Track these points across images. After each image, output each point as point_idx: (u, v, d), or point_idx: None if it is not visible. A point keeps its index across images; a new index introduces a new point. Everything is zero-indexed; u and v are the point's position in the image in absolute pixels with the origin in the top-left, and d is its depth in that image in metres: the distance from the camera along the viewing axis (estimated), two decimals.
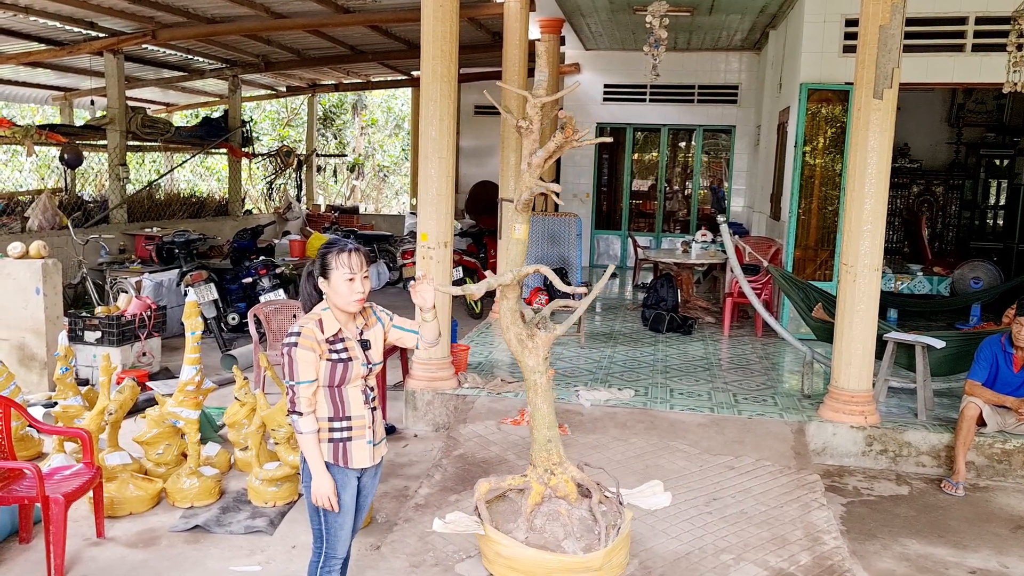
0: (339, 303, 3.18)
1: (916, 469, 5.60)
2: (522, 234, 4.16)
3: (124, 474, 4.76)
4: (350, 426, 3.22)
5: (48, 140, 9.37)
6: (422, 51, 6.11)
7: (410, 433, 6.21)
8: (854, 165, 5.58)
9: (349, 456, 3.22)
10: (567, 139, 3.79)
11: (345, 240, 3.28)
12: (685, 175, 14.78)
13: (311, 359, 3.10)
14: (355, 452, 3.23)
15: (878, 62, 5.41)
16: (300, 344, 3.09)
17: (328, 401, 3.18)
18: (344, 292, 3.16)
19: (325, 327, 3.16)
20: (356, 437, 3.23)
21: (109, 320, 7.20)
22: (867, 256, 5.57)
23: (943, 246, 12.58)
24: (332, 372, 3.16)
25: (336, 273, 3.15)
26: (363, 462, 3.26)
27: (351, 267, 3.16)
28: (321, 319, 3.18)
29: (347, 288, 3.15)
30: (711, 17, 10.74)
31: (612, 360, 7.48)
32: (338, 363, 3.16)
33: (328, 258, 3.18)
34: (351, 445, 3.22)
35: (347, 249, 3.19)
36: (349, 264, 3.16)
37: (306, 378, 3.10)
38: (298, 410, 3.11)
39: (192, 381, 4.84)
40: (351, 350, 3.20)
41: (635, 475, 5.07)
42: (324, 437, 3.22)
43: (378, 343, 3.36)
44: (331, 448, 3.22)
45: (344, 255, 3.17)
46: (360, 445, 3.24)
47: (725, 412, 5.99)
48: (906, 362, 6.14)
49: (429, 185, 6.20)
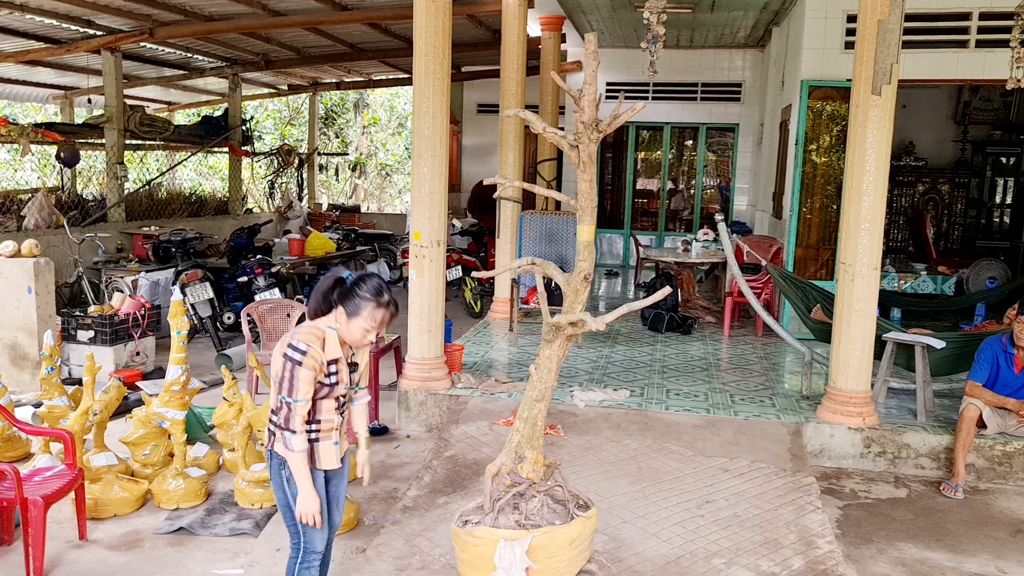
0: (346, 338, 3.15)
1: (915, 471, 5.50)
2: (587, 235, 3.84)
3: (109, 475, 4.71)
4: (318, 428, 3.21)
5: (45, 139, 9.34)
6: (415, 47, 6.03)
7: (402, 434, 6.15)
8: (852, 162, 5.49)
9: (317, 457, 3.23)
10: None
11: (386, 285, 3.16)
12: (690, 174, 14.68)
13: (311, 378, 3.06)
14: (323, 453, 3.23)
15: (877, 58, 5.31)
16: (305, 364, 3.03)
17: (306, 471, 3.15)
18: (357, 337, 3.13)
19: (327, 349, 3.10)
20: (323, 439, 3.23)
21: (102, 319, 7.16)
22: (865, 255, 5.47)
23: (949, 245, 12.44)
24: (317, 392, 3.14)
25: (360, 320, 3.09)
26: (330, 463, 3.27)
27: (380, 324, 3.12)
28: (325, 339, 3.11)
29: (361, 335, 3.12)
30: (713, 14, 10.63)
31: (609, 360, 7.40)
32: (326, 386, 3.14)
33: (363, 304, 3.08)
34: (318, 446, 3.23)
35: (385, 305, 3.11)
36: (379, 321, 3.11)
37: (304, 397, 3.06)
38: (292, 428, 3.06)
39: (177, 381, 4.79)
40: (340, 373, 3.18)
41: (627, 477, 4.99)
42: None
43: (364, 366, 3.37)
44: None
45: (380, 311, 3.10)
46: (327, 446, 3.24)
47: (721, 413, 5.90)
48: (905, 362, 6.04)
49: (422, 183, 6.13)
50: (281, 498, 3.22)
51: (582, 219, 3.60)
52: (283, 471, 3.17)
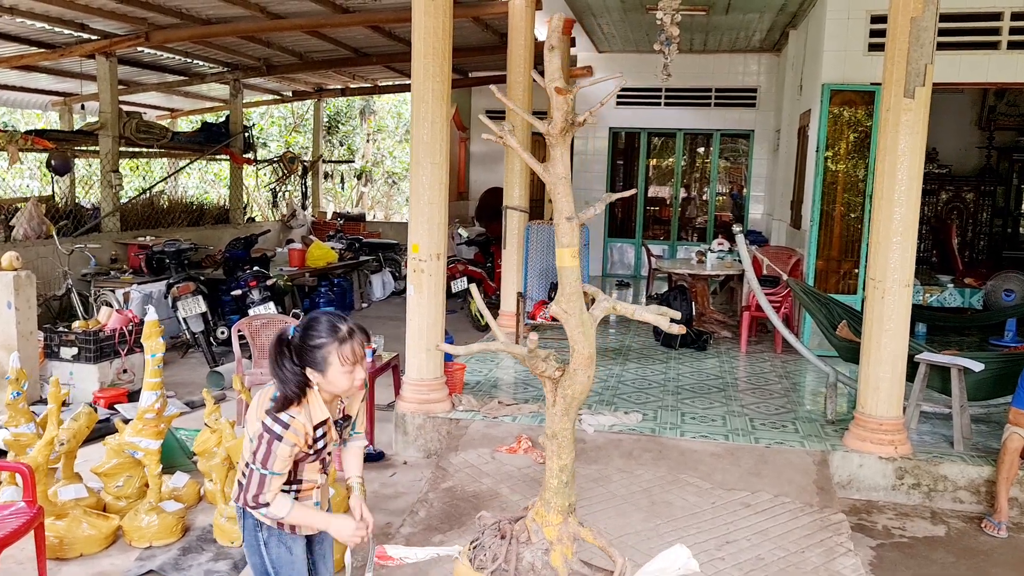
0: (334, 391, 2.65)
1: (953, 505, 5.07)
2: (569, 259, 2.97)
3: (76, 510, 4.34)
4: (299, 489, 2.75)
5: (35, 146, 9.03)
6: (413, 48, 5.67)
7: (399, 460, 5.76)
8: (882, 171, 5.08)
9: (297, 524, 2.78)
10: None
11: (335, 317, 2.65)
12: (703, 181, 14.27)
13: (291, 453, 2.60)
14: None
15: (909, 58, 4.91)
16: (286, 439, 2.56)
17: (313, 510, 2.76)
18: (343, 385, 2.62)
19: (313, 415, 2.63)
20: (303, 499, 2.76)
21: (86, 335, 6.81)
22: (897, 270, 5.07)
23: (974, 256, 11.97)
24: (302, 461, 2.70)
25: (333, 369, 2.58)
26: (310, 528, 2.83)
27: (355, 359, 2.60)
28: (309, 402, 2.63)
29: (347, 380, 2.61)
30: (728, 17, 10.25)
31: (621, 379, 7.00)
32: (313, 454, 2.70)
33: (322, 353, 2.56)
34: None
35: (346, 337, 2.59)
36: (353, 357, 2.59)
37: (280, 471, 2.60)
38: (265, 501, 2.58)
39: (152, 408, 4.42)
40: (329, 434, 2.72)
41: (640, 512, 4.59)
42: None
43: (354, 413, 2.89)
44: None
45: (347, 347, 2.58)
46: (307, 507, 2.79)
47: (741, 440, 5.49)
48: (939, 385, 5.62)
49: (421, 193, 5.76)
50: (258, 564, 2.75)
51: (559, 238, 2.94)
52: (259, 532, 2.73)
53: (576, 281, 2.77)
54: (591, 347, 2.79)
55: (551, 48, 2.72)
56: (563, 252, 2.80)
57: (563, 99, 2.66)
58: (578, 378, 2.77)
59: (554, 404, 2.85)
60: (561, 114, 2.68)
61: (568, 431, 2.86)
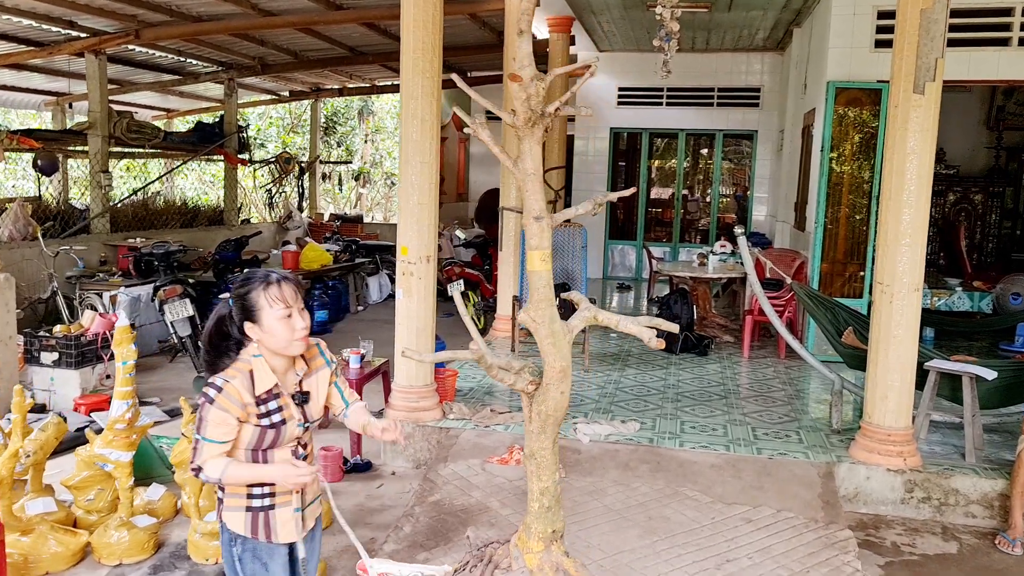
0: (277, 347, 2.52)
1: (965, 520, 4.84)
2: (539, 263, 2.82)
3: (43, 526, 4.13)
4: (273, 492, 2.57)
5: (20, 146, 8.83)
6: (402, 42, 5.46)
7: (387, 470, 5.55)
8: (891, 170, 4.85)
9: (272, 529, 2.58)
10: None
11: (265, 271, 2.61)
12: (706, 183, 14.04)
13: (226, 421, 2.45)
14: (279, 524, 2.59)
15: (919, 51, 4.69)
16: (218, 403, 2.43)
17: (248, 464, 2.54)
18: (282, 333, 2.50)
19: (257, 383, 2.50)
20: (280, 504, 2.58)
21: (67, 340, 6.60)
22: (906, 274, 4.84)
23: (983, 258, 11.71)
24: (260, 438, 2.52)
25: (266, 313, 2.49)
26: (289, 535, 2.62)
27: (284, 299, 2.51)
28: (252, 371, 2.51)
29: (284, 327, 2.50)
30: (731, 14, 10.03)
31: (618, 386, 6.78)
32: (268, 428, 2.52)
33: (251, 297, 2.52)
34: (274, 515, 2.58)
35: (273, 280, 2.53)
36: (281, 296, 2.51)
37: (215, 438, 2.45)
38: (198, 464, 2.46)
39: (122, 418, 4.20)
40: (286, 409, 2.55)
41: (636, 528, 4.37)
42: (240, 504, 2.58)
43: (319, 394, 2.70)
44: (249, 519, 2.58)
45: (273, 288, 2.51)
46: (285, 514, 2.60)
47: (742, 450, 5.26)
48: (949, 393, 5.39)
49: (410, 193, 5.55)
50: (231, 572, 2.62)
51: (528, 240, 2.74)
52: (234, 547, 2.58)
53: (546, 287, 2.55)
54: (564, 359, 2.57)
55: (520, 32, 2.51)
56: (532, 255, 2.60)
57: (519, 87, 2.45)
58: (550, 393, 2.55)
59: (531, 421, 2.63)
60: (521, 103, 2.47)
61: (547, 451, 2.63)
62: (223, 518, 2.59)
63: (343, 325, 10.28)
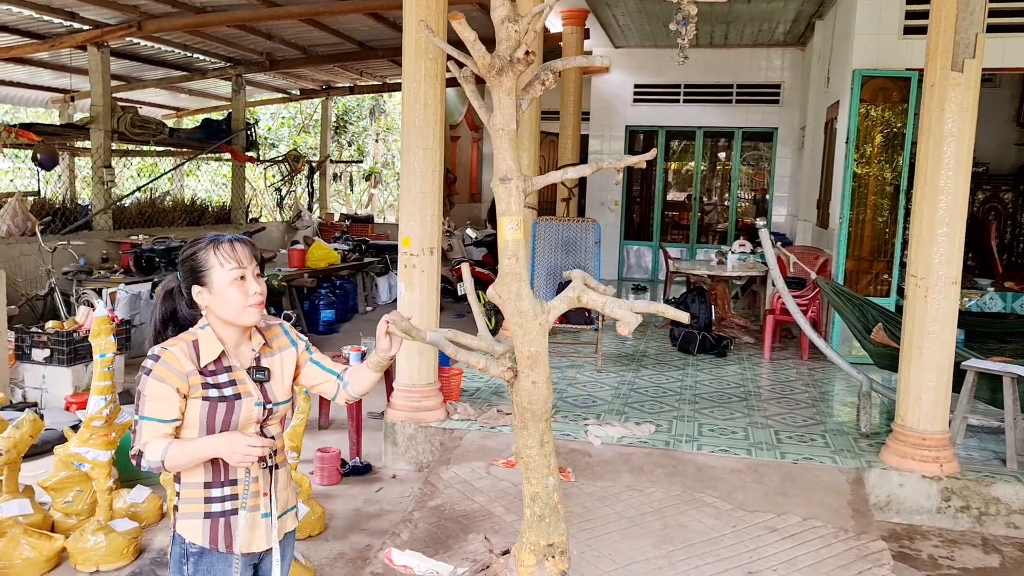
0: (228, 315, 2.20)
1: (1007, 531, 4.48)
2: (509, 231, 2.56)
3: (15, 529, 3.86)
4: (235, 494, 2.24)
5: (19, 139, 8.63)
6: (404, 22, 5.18)
7: (388, 473, 5.25)
8: (926, 154, 4.52)
9: (233, 537, 2.23)
10: None
11: (218, 233, 2.32)
12: (724, 184, 13.69)
13: (166, 395, 2.12)
14: (242, 531, 2.23)
15: (957, 26, 4.36)
16: (154, 373, 2.12)
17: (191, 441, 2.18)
18: (234, 297, 2.18)
19: (202, 352, 2.18)
20: (247, 508, 2.24)
21: (59, 336, 6.35)
22: (943, 266, 4.50)
23: (1012, 258, 11.30)
24: (211, 416, 2.17)
25: (217, 273, 2.18)
26: (255, 544, 2.28)
27: (237, 259, 2.19)
28: (197, 340, 2.20)
29: (237, 291, 2.18)
30: (750, 6, 9.71)
31: (633, 387, 6.45)
32: (218, 402, 2.17)
33: (199, 256, 2.21)
34: (236, 520, 2.23)
35: (224, 239, 2.23)
36: (235, 256, 2.19)
37: (155, 415, 2.13)
38: (136, 451, 2.13)
39: (100, 415, 3.93)
40: (240, 383, 2.22)
41: (650, 537, 4.05)
42: (197, 511, 2.25)
43: (284, 374, 2.34)
44: (207, 527, 2.23)
45: (225, 246, 2.21)
46: (251, 520, 2.26)
47: (765, 455, 4.93)
48: (988, 395, 5.05)
49: (412, 181, 5.26)
50: None
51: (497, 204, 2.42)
52: (185, 565, 2.25)
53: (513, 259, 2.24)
54: (534, 344, 2.26)
55: None
56: (503, 221, 2.29)
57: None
58: (522, 383, 2.24)
59: (514, 415, 2.33)
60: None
61: (532, 450, 2.32)
62: (177, 529, 2.26)
63: (351, 325, 10.02)
